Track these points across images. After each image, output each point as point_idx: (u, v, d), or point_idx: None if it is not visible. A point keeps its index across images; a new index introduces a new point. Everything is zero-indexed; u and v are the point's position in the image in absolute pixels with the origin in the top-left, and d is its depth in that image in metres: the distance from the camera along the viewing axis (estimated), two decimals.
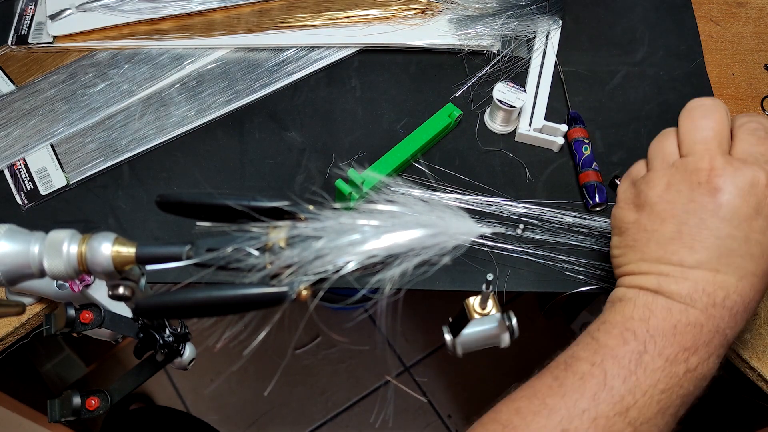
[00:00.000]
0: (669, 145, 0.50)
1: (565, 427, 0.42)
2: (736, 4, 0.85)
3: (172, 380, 1.48)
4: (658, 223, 0.48)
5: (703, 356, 0.45)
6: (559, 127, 0.71)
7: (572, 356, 0.46)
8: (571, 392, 0.43)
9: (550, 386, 0.45)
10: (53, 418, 0.53)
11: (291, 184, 0.69)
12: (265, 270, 0.36)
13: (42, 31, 0.77)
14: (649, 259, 0.48)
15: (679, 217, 0.47)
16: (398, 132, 0.73)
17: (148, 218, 0.67)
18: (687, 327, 0.44)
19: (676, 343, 0.44)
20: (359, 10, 0.78)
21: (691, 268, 0.46)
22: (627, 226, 0.50)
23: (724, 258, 0.45)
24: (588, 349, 0.46)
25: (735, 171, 0.46)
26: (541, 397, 0.44)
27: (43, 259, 0.38)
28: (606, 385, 0.43)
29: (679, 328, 0.44)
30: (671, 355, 0.44)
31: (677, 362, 0.44)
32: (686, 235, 0.46)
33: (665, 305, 0.45)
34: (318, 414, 1.45)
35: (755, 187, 0.45)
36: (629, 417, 0.43)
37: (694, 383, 0.45)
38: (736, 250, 0.45)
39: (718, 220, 0.45)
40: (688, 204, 0.46)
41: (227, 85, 0.75)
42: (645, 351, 0.44)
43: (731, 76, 0.79)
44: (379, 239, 0.36)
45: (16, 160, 0.70)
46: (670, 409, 0.44)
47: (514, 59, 0.76)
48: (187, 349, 0.56)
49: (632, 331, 0.45)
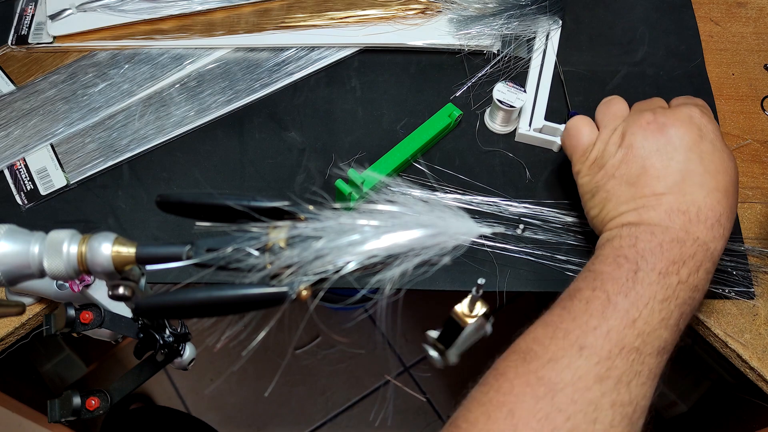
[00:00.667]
0: (617, 107, 0.59)
1: (581, 344, 0.45)
2: (736, 4, 0.85)
3: (172, 380, 1.48)
4: (624, 168, 0.54)
5: (692, 268, 0.49)
6: (559, 127, 0.71)
7: (574, 288, 0.50)
8: (581, 314, 0.47)
9: (560, 314, 0.48)
10: (53, 418, 0.53)
11: (291, 184, 0.69)
12: (265, 270, 0.36)
13: (42, 31, 0.77)
14: (625, 199, 0.53)
15: (640, 157, 0.54)
16: (398, 132, 0.73)
17: (148, 218, 0.67)
18: (671, 243, 0.49)
19: (665, 258, 0.48)
20: (359, 10, 0.78)
21: (662, 194, 0.52)
22: (596, 184, 0.56)
23: (687, 180, 0.52)
24: (587, 280, 0.50)
25: (673, 111, 0.55)
26: (554, 325, 0.48)
27: (43, 259, 0.38)
28: (611, 303, 0.47)
29: (665, 245, 0.49)
30: (663, 268, 0.48)
31: (669, 274, 0.48)
32: (650, 168, 0.53)
33: (648, 230, 0.51)
34: (318, 414, 1.45)
35: (693, 118, 0.54)
36: (637, 328, 0.46)
37: (688, 293, 0.49)
38: (695, 170, 0.52)
39: (672, 148, 0.53)
40: (643, 143, 0.54)
41: (227, 85, 0.75)
42: (639, 269, 0.48)
43: (731, 76, 0.79)
44: (379, 239, 0.36)
45: (16, 160, 0.70)
46: (671, 320, 0.47)
47: (514, 59, 0.76)
48: (187, 349, 0.56)
49: (624, 256, 0.49)
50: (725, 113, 0.76)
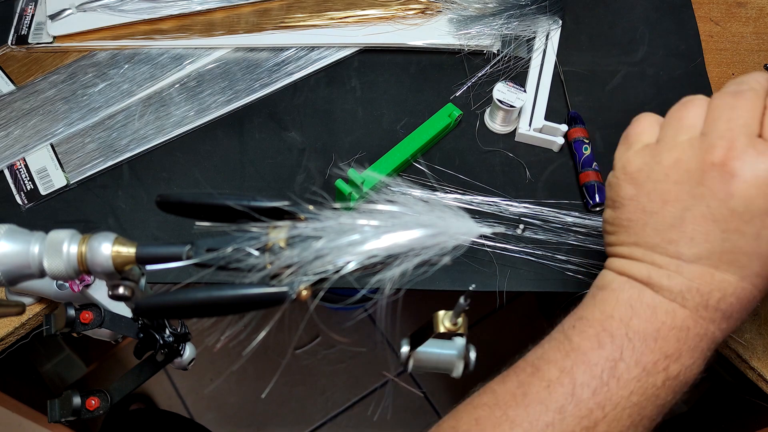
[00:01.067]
0: (691, 115, 0.43)
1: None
2: (736, 4, 0.85)
3: (172, 380, 1.48)
4: (658, 205, 0.42)
5: (687, 362, 0.40)
6: (559, 127, 0.71)
7: (541, 357, 0.42)
8: (536, 403, 0.40)
9: (514, 394, 0.41)
10: (53, 418, 0.53)
11: (291, 184, 0.69)
12: (265, 270, 0.36)
13: (42, 31, 0.77)
14: (643, 245, 0.42)
15: (683, 202, 0.41)
16: (398, 132, 0.73)
17: (148, 218, 0.67)
18: (671, 331, 0.40)
19: (657, 349, 0.40)
20: (359, 10, 0.78)
21: (688, 263, 0.40)
22: (623, 201, 0.44)
23: (727, 255, 0.40)
24: (559, 350, 0.42)
25: (757, 155, 0.39)
26: (503, 408, 0.41)
27: (43, 259, 0.38)
28: (574, 397, 0.39)
29: (663, 332, 0.40)
30: (650, 363, 0.39)
31: (656, 371, 0.39)
32: (688, 224, 0.40)
33: (651, 303, 0.41)
34: (318, 414, 1.44)
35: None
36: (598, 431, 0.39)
37: (674, 392, 0.40)
38: (743, 248, 0.39)
39: (727, 210, 0.39)
40: (696, 187, 0.40)
41: (227, 85, 0.75)
42: (621, 358, 0.40)
43: (731, 76, 0.79)
44: (379, 239, 0.36)
45: (16, 160, 0.70)
46: (643, 421, 0.40)
47: (514, 59, 0.76)
48: (187, 349, 0.56)
49: (609, 333, 0.41)
50: None
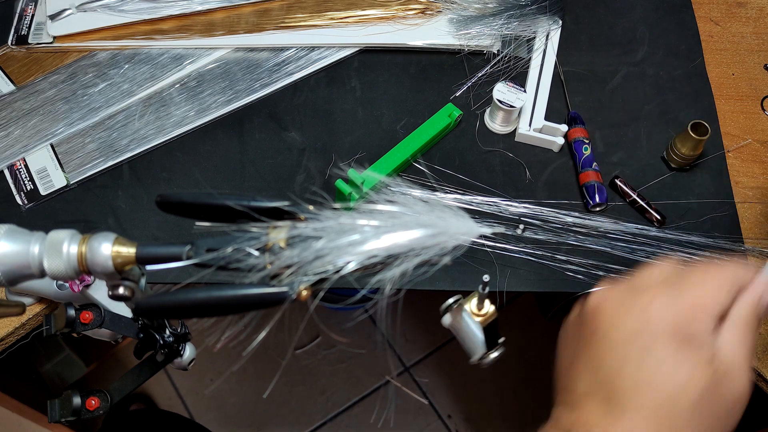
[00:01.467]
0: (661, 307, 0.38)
1: None
2: (736, 4, 0.85)
3: (172, 380, 1.48)
4: (595, 351, 0.39)
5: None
6: (559, 127, 0.71)
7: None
8: None
9: None
10: (53, 418, 0.53)
11: (291, 184, 0.69)
12: (265, 270, 0.36)
13: (42, 31, 0.77)
14: (575, 390, 0.40)
15: (617, 359, 0.38)
16: (398, 132, 0.73)
17: (148, 218, 0.67)
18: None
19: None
20: (359, 10, 0.78)
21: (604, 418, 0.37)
22: (572, 334, 0.42)
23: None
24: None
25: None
26: None
27: (43, 259, 0.38)
28: None
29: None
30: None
31: None
32: (623, 379, 0.38)
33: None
34: (318, 414, 1.44)
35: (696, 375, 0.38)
36: None
37: None
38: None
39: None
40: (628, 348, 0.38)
41: (227, 85, 0.75)
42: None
43: (731, 76, 0.79)
44: (379, 239, 0.36)
45: (16, 160, 0.70)
46: None
47: (514, 59, 0.76)
48: (187, 349, 0.56)
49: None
50: (725, 113, 0.76)
